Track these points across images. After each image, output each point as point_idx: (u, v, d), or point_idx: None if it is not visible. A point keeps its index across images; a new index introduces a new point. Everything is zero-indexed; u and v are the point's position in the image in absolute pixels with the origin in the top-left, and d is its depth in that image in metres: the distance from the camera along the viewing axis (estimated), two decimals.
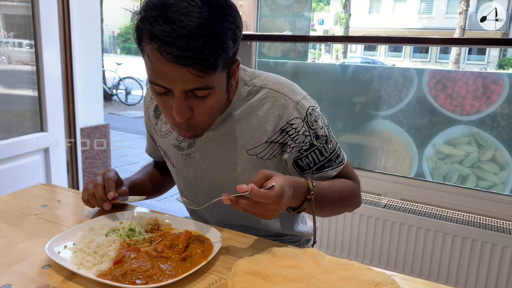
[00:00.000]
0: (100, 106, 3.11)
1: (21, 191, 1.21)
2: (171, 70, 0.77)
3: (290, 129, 0.97)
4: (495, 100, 1.98)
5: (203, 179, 1.06)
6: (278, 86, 0.99)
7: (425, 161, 2.18)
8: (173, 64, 0.76)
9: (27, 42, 2.33)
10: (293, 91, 0.99)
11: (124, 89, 10.62)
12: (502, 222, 1.90)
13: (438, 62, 23.90)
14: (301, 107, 0.98)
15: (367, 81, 2.31)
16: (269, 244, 0.93)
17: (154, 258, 0.82)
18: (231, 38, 0.80)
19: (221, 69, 0.81)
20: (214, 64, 0.78)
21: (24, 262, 0.83)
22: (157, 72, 0.79)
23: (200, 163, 1.04)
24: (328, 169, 1.01)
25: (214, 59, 0.77)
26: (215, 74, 0.80)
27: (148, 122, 1.17)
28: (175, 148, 1.07)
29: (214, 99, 0.85)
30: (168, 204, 3.94)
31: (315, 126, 0.98)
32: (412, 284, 0.80)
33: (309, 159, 1.00)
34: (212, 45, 0.76)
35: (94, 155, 3.02)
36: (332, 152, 1.01)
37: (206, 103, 0.84)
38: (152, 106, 1.13)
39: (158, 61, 0.77)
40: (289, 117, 0.97)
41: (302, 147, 0.98)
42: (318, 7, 23.17)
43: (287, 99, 0.97)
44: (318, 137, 0.99)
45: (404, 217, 1.97)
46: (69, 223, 1.01)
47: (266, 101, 0.98)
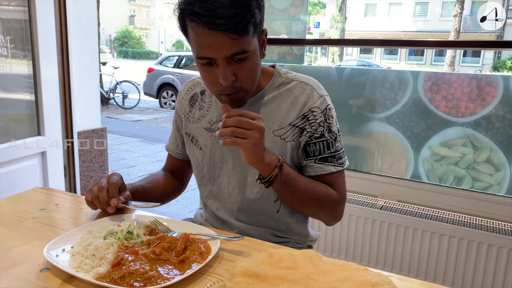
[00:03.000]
0: (97, 110, 3.11)
1: (19, 195, 1.21)
2: (212, 40, 0.92)
3: (310, 115, 1.10)
4: (490, 102, 2.00)
5: (229, 158, 1.15)
6: (308, 80, 1.14)
7: (421, 163, 2.19)
8: (214, 33, 0.91)
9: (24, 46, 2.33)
10: (319, 87, 1.14)
11: (121, 92, 10.60)
12: (498, 223, 1.91)
13: (433, 64, 24.02)
14: (323, 101, 1.11)
15: (363, 83, 2.33)
16: (267, 246, 0.94)
17: (152, 261, 0.82)
18: (256, 7, 0.95)
19: (252, 33, 0.95)
20: (245, 27, 0.93)
21: (22, 265, 0.83)
22: (201, 45, 0.94)
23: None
24: (330, 164, 1.10)
25: (244, 23, 0.92)
26: (247, 37, 0.95)
27: (179, 112, 1.26)
28: (206, 131, 1.18)
29: (251, 62, 0.99)
30: (166, 207, 3.94)
31: (330, 121, 1.11)
32: (409, 284, 0.81)
33: (316, 147, 1.10)
34: (241, 11, 0.91)
35: (91, 158, 3.01)
36: (337, 150, 1.11)
37: (246, 66, 0.98)
38: (187, 97, 1.25)
39: (201, 34, 0.93)
40: (312, 105, 1.10)
41: (314, 134, 1.09)
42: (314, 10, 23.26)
43: (313, 91, 1.11)
44: (330, 131, 1.10)
45: (401, 219, 1.98)
46: (67, 227, 1.01)
47: (295, 90, 1.12)
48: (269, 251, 0.83)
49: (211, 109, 1.19)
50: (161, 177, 1.31)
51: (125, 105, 10.59)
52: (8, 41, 2.25)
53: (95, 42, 3.02)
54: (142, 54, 36.05)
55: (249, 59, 0.98)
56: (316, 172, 1.10)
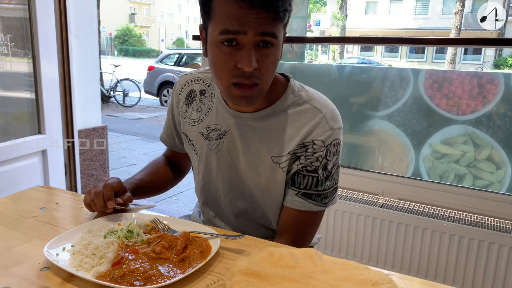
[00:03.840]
0: (98, 108, 3.10)
1: (19, 194, 1.21)
2: (247, 14, 0.84)
3: (310, 147, 0.99)
4: (491, 100, 1.99)
5: (225, 171, 1.08)
6: (322, 106, 1.02)
7: (422, 161, 2.19)
8: (251, 8, 0.83)
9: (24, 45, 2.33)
10: (333, 117, 1.01)
11: (121, 91, 10.60)
12: (499, 220, 1.91)
13: (434, 62, 23.98)
14: (331, 135, 0.99)
15: (363, 81, 2.32)
16: (267, 245, 0.94)
17: (153, 259, 0.82)
18: (290, 3, 0.89)
19: (284, 24, 0.91)
20: (284, 12, 0.87)
21: (23, 264, 0.83)
22: (233, 17, 0.85)
23: (226, 155, 1.07)
24: (312, 202, 1.01)
25: (285, 7, 0.87)
26: (281, 24, 0.89)
27: (175, 107, 1.18)
28: (202, 137, 1.10)
29: (275, 54, 0.91)
30: (167, 205, 3.94)
31: (329, 158, 1.00)
32: (409, 283, 0.81)
33: (304, 180, 1.01)
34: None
35: (92, 157, 3.01)
36: (325, 190, 1.02)
37: (269, 56, 0.90)
38: (184, 93, 1.16)
39: (234, 6, 0.84)
40: (317, 136, 0.99)
41: (307, 166, 1.00)
42: (314, 8, 23.21)
43: (324, 121, 0.99)
44: (325, 169, 1.00)
45: (401, 217, 1.98)
46: (67, 225, 1.01)
47: (306, 116, 1.00)
48: (269, 250, 0.82)
49: (210, 114, 1.10)
50: (162, 165, 1.29)
51: (125, 103, 10.59)
52: (9, 39, 2.25)
53: (96, 40, 3.02)
54: (142, 52, 36.04)
55: (274, 50, 0.90)
56: (294, 205, 1.02)
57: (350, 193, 2.21)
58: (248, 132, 1.03)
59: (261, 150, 1.02)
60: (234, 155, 1.06)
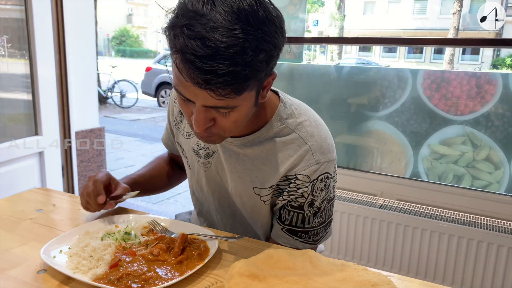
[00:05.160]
0: (95, 109, 3.09)
1: (16, 196, 1.20)
2: (193, 87, 0.71)
3: (293, 182, 0.91)
4: (489, 100, 1.99)
5: (215, 190, 1.04)
6: (309, 136, 0.91)
7: (420, 161, 2.19)
8: (194, 85, 0.70)
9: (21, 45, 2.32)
10: (321, 149, 0.91)
11: (119, 92, 10.59)
12: (498, 221, 1.91)
13: (432, 62, 24.02)
14: (317, 169, 0.90)
15: (362, 82, 2.32)
16: (266, 246, 0.93)
17: (150, 262, 0.82)
18: (265, 60, 0.72)
19: (248, 90, 0.74)
20: (238, 88, 0.71)
21: (19, 267, 0.82)
22: (180, 81, 0.73)
23: (215, 174, 1.02)
24: (298, 239, 0.95)
25: (238, 84, 0.70)
26: (239, 96, 0.73)
27: (171, 115, 1.14)
28: (194, 153, 1.05)
29: (239, 114, 0.78)
30: (165, 207, 3.93)
31: (317, 194, 0.91)
32: (408, 284, 0.81)
33: (289, 216, 0.94)
34: (238, 69, 0.68)
35: (89, 158, 3.00)
36: (314, 227, 0.94)
37: (229, 118, 0.78)
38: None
39: (182, 76, 0.71)
40: (300, 170, 0.90)
41: (292, 202, 0.92)
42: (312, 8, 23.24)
43: (309, 154, 0.90)
44: (312, 205, 0.92)
45: (400, 217, 1.98)
46: (65, 227, 1.00)
47: (290, 146, 0.91)
48: (268, 251, 0.82)
49: None
50: (165, 163, 1.27)
51: (123, 104, 10.57)
52: (5, 40, 2.24)
53: (93, 41, 3.01)
54: (140, 53, 36.01)
55: (235, 112, 0.77)
56: (279, 240, 0.96)
57: (349, 194, 2.20)
58: (232, 157, 0.96)
59: (244, 178, 0.96)
60: (222, 176, 1.01)
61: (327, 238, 0.99)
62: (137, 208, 1.15)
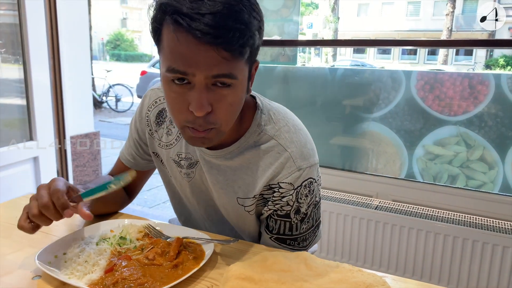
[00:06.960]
0: (90, 114, 3.08)
1: (10, 201, 1.20)
2: (195, 52, 0.70)
3: (277, 191, 0.90)
4: (482, 100, 2.01)
5: (200, 198, 1.02)
6: (289, 143, 0.90)
7: (415, 162, 2.20)
8: (199, 44, 0.69)
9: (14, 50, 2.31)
10: (302, 155, 0.90)
11: (114, 96, 10.57)
12: (492, 220, 1.92)
13: (426, 63, 24.15)
14: (300, 175, 0.89)
15: (356, 83, 2.33)
16: (261, 249, 0.93)
17: (146, 266, 0.81)
18: (257, 28, 0.75)
19: (245, 60, 0.76)
20: (242, 48, 0.72)
21: (14, 273, 0.82)
22: (178, 55, 0.72)
23: (199, 183, 1.00)
24: (287, 246, 0.94)
25: (242, 43, 0.71)
26: (241, 61, 0.74)
27: (142, 124, 1.07)
28: (174, 163, 1.01)
29: (235, 94, 0.78)
30: (160, 211, 3.92)
31: (302, 201, 0.90)
32: (403, 284, 0.81)
33: (276, 225, 0.93)
34: (241, 27, 0.70)
35: (84, 163, 2.99)
36: (302, 233, 0.93)
37: (227, 97, 0.76)
38: (154, 110, 1.04)
39: (181, 42, 0.70)
40: (283, 178, 0.89)
41: (278, 211, 0.92)
42: (306, 11, 23.30)
43: (290, 161, 0.89)
44: (298, 212, 0.91)
45: (396, 218, 1.98)
46: (59, 233, 1.00)
47: (271, 154, 0.90)
48: (263, 254, 0.82)
49: (180, 140, 0.99)
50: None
51: (118, 109, 10.55)
52: None
53: (87, 45, 3.00)
54: (134, 57, 35.95)
55: (233, 89, 0.76)
56: (269, 249, 0.94)
57: (344, 195, 2.21)
58: (213, 168, 0.94)
59: (227, 189, 0.94)
60: (207, 185, 0.98)
61: (317, 241, 0.99)
62: (133, 212, 1.14)
